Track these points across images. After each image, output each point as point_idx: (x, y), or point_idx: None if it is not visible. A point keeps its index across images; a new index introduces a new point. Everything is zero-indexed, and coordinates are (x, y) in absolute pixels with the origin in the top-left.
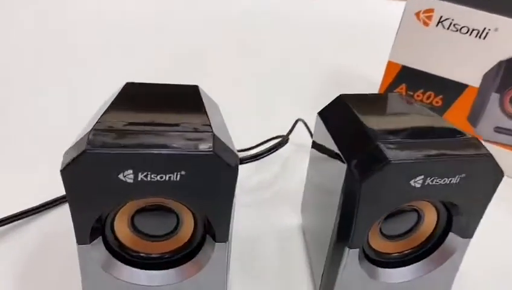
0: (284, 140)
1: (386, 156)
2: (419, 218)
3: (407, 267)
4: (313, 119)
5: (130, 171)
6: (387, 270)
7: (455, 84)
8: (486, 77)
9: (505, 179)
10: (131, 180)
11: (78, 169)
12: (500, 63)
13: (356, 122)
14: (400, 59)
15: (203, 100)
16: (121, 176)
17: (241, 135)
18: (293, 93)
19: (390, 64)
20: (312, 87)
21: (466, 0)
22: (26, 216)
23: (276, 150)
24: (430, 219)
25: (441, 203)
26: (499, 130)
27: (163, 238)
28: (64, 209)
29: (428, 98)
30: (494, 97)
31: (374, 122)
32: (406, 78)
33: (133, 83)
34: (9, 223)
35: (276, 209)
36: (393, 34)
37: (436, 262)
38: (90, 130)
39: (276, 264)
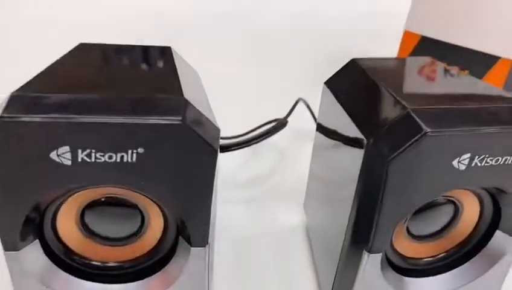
0: (281, 123)
1: (422, 126)
2: (457, 212)
3: (441, 275)
4: (316, 100)
5: (67, 149)
6: (417, 280)
7: (484, 57)
8: None
9: None
10: (69, 162)
11: None
12: None
13: (376, 89)
14: (419, 28)
15: (176, 62)
16: (53, 156)
17: (231, 120)
18: (294, 72)
19: (407, 35)
20: (316, 67)
21: None
22: None
23: (272, 134)
24: (471, 212)
25: (485, 191)
26: None
27: (124, 243)
28: None
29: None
30: None
31: (399, 88)
32: (426, 50)
33: (86, 44)
34: None
35: (274, 206)
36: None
37: (478, 269)
38: (11, 94)
39: (275, 270)
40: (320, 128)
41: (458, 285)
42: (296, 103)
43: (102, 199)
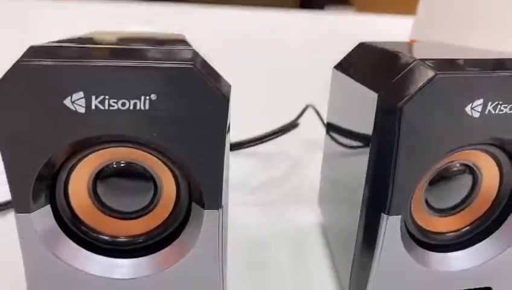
0: (292, 124)
1: (432, 70)
2: (476, 180)
3: (468, 249)
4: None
5: (81, 95)
6: (441, 255)
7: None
8: None
9: None
10: (83, 109)
11: (8, 90)
12: None
13: (385, 55)
14: (424, 36)
15: (188, 42)
16: (67, 102)
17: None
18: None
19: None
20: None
21: None
22: None
23: (284, 133)
24: (491, 178)
25: (503, 152)
26: None
27: (137, 215)
28: None
29: None
30: None
31: (408, 52)
32: None
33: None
34: None
35: (288, 208)
36: None
37: (506, 239)
38: (30, 46)
39: (291, 270)
40: (332, 112)
41: (487, 258)
42: (306, 108)
43: (115, 165)
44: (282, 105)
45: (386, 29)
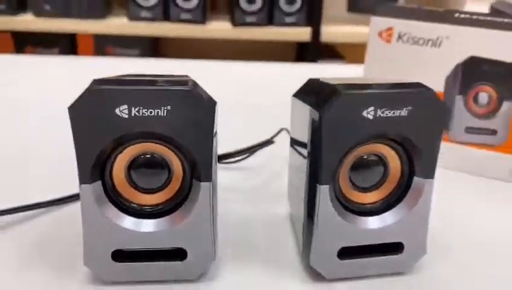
0: (268, 141)
1: (339, 91)
2: (386, 166)
3: (382, 214)
4: None
5: (125, 106)
6: (363, 217)
7: None
8: (448, 81)
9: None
10: (126, 115)
11: (82, 105)
12: (457, 66)
13: (322, 85)
14: (372, 76)
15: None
16: (117, 111)
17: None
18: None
19: None
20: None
21: (418, 16)
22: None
23: (261, 147)
24: (395, 165)
25: (400, 147)
26: (469, 130)
27: (156, 190)
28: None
29: None
30: (459, 99)
31: (338, 81)
32: None
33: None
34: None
35: (265, 203)
36: None
37: (407, 207)
38: (93, 79)
39: (265, 237)
40: (292, 129)
41: (395, 220)
42: (280, 130)
43: (142, 156)
44: (263, 129)
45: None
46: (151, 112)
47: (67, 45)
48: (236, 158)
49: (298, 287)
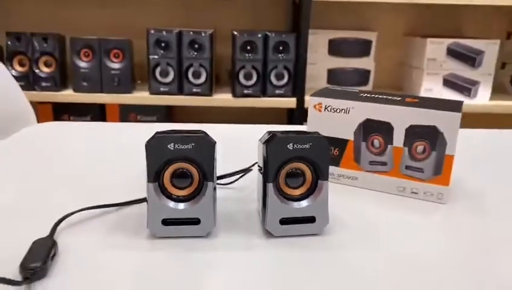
0: (247, 169)
1: (276, 135)
2: (304, 176)
3: (305, 200)
4: None
5: (172, 144)
6: (293, 202)
7: (342, 141)
8: (355, 133)
9: (381, 194)
10: (172, 148)
11: (151, 142)
12: (359, 125)
13: (272, 133)
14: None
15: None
16: (169, 146)
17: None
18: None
19: None
20: None
21: (336, 96)
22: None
23: (245, 174)
24: (309, 174)
25: (310, 165)
26: (371, 163)
27: (185, 188)
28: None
29: (331, 150)
30: (363, 144)
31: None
32: None
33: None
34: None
35: (247, 204)
36: None
37: (316, 196)
38: (155, 132)
39: (243, 220)
40: (258, 159)
41: (310, 203)
42: (255, 163)
43: (178, 170)
44: (248, 163)
45: None
46: (184, 146)
47: (98, 112)
48: (230, 179)
49: (260, 240)
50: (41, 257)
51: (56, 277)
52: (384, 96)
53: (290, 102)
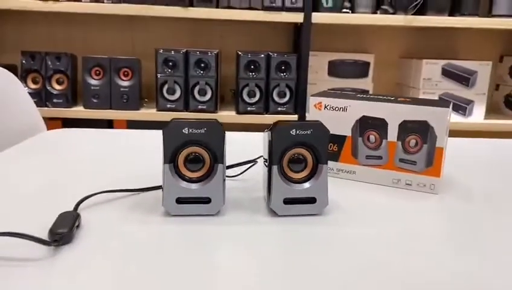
0: (253, 161)
1: (280, 122)
2: (306, 161)
3: (307, 182)
4: None
5: (186, 128)
6: (296, 184)
7: (341, 137)
8: (353, 129)
9: (375, 186)
10: (187, 132)
11: (168, 127)
12: (356, 121)
13: (276, 123)
14: None
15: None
16: (183, 130)
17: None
18: None
19: None
20: None
21: (335, 96)
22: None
23: (251, 166)
24: (310, 159)
25: (311, 151)
26: (368, 157)
27: (197, 170)
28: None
29: (330, 147)
30: (360, 140)
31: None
32: None
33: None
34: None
35: (253, 190)
36: None
37: (316, 179)
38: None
39: (249, 202)
40: (263, 150)
41: (311, 185)
42: (260, 156)
43: (191, 154)
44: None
45: None
46: (197, 131)
47: (106, 128)
48: (237, 172)
49: (265, 218)
50: (67, 225)
51: (80, 243)
52: (379, 96)
53: (292, 119)
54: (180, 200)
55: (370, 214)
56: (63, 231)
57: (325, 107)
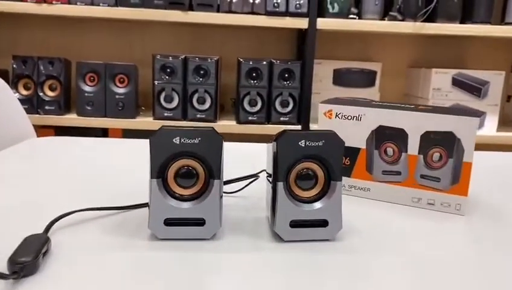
0: (255, 176)
1: (287, 131)
2: (316, 176)
3: (317, 202)
4: None
5: (178, 138)
6: (304, 204)
7: (354, 149)
8: (368, 141)
9: (392, 205)
10: (178, 142)
11: (156, 136)
12: (372, 132)
13: (281, 132)
14: None
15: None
16: (173, 140)
17: None
18: None
19: None
20: None
21: (346, 103)
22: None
23: (252, 180)
24: (321, 175)
25: (322, 165)
26: (384, 172)
27: (190, 187)
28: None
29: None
30: (375, 152)
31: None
32: None
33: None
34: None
35: (253, 212)
36: None
37: (328, 198)
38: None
39: (250, 225)
40: (267, 165)
41: (323, 205)
42: (262, 170)
43: (183, 168)
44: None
45: None
46: (191, 141)
47: (100, 137)
48: (237, 187)
49: (268, 244)
50: (32, 252)
51: (47, 274)
52: (398, 104)
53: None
54: (169, 222)
55: (389, 238)
56: (26, 260)
57: (336, 115)
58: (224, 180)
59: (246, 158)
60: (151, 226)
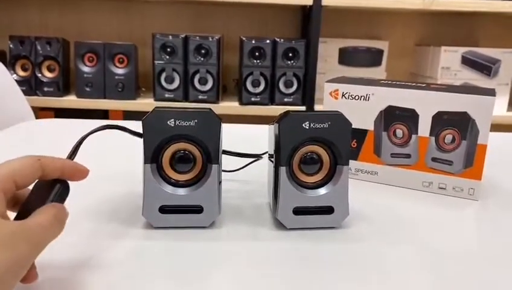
0: (259, 156)
1: (290, 112)
2: (321, 161)
3: (321, 188)
4: None
5: (172, 120)
6: (308, 190)
7: (361, 131)
8: (376, 122)
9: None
10: (173, 125)
11: (149, 118)
12: (380, 113)
13: (285, 112)
14: None
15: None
16: (168, 122)
17: None
18: None
19: None
20: None
21: (354, 82)
22: None
23: (255, 160)
24: (326, 159)
25: (328, 148)
26: (393, 155)
27: (186, 172)
28: None
29: None
30: (384, 134)
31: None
32: None
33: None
34: None
35: (254, 199)
36: None
37: (334, 183)
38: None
39: (250, 211)
40: (269, 146)
41: (328, 190)
42: (265, 152)
43: (179, 152)
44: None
45: None
46: (186, 123)
47: (100, 119)
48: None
49: (270, 232)
50: None
51: (39, 265)
52: (408, 83)
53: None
54: (164, 209)
55: (399, 225)
56: None
57: (343, 95)
58: (223, 153)
59: (248, 141)
60: (146, 214)
